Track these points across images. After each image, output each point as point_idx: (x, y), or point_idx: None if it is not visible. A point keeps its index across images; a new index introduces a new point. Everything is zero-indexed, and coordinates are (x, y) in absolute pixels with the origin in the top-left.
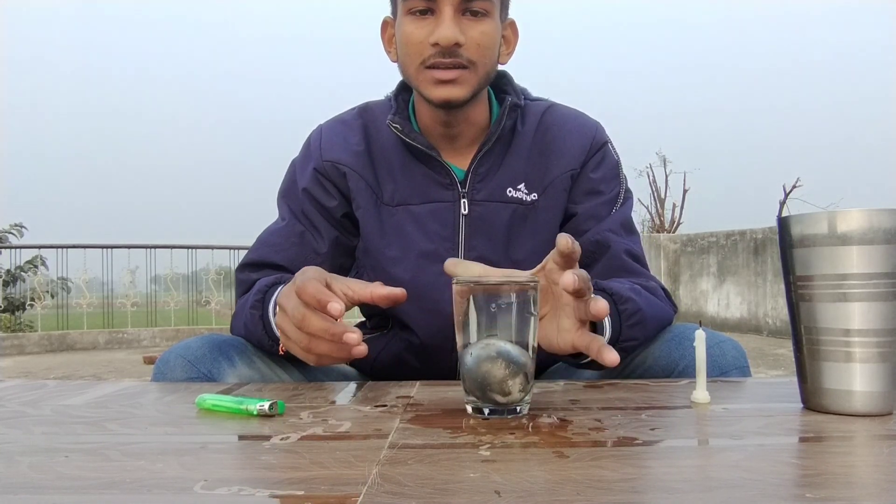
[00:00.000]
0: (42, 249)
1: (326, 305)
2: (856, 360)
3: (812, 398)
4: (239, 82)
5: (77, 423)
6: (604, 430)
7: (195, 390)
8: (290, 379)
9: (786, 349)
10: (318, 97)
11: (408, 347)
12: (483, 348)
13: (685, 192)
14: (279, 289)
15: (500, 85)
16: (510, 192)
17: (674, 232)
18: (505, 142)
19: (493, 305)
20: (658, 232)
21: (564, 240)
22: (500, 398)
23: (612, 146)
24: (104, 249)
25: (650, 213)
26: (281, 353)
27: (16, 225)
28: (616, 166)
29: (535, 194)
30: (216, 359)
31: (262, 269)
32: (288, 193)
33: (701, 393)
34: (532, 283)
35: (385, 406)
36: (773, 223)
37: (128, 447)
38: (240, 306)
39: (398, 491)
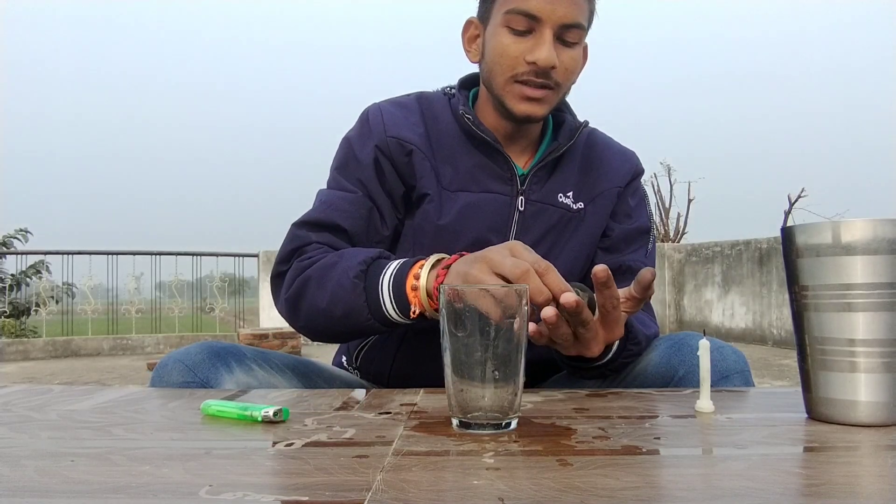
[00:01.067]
0: (47, 255)
1: (562, 294)
2: (860, 371)
3: (816, 408)
4: (245, 88)
5: (83, 427)
6: (608, 439)
7: (200, 396)
8: (289, 386)
9: (791, 359)
10: (326, 106)
11: (428, 353)
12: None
13: (690, 201)
14: (393, 263)
15: None
16: (560, 197)
17: (678, 241)
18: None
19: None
20: (663, 241)
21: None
22: None
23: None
24: (109, 256)
25: (654, 224)
26: (413, 316)
27: (21, 230)
28: (646, 198)
29: (582, 203)
30: (214, 365)
31: (323, 230)
32: (348, 167)
33: (705, 402)
34: (520, 289)
35: (389, 413)
36: (778, 233)
37: (133, 452)
38: (328, 273)
39: (402, 498)
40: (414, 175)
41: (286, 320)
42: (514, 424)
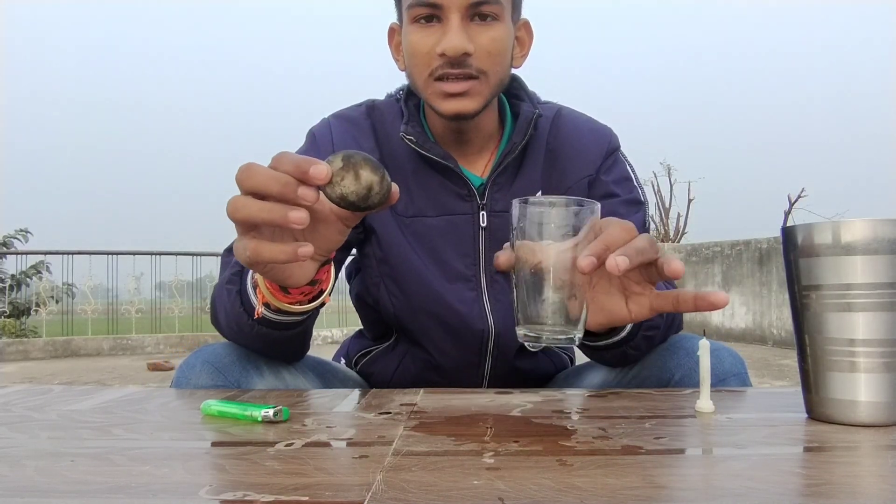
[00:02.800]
0: (47, 255)
1: (309, 170)
2: (860, 371)
3: (817, 408)
4: (246, 89)
5: (83, 427)
6: (608, 439)
7: (200, 396)
8: (312, 388)
9: (791, 359)
10: (326, 106)
11: (428, 367)
12: None
13: (690, 201)
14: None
15: (511, 88)
16: None
17: (678, 241)
18: (519, 150)
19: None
20: (663, 241)
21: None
22: None
23: (623, 153)
24: (109, 256)
25: (654, 223)
26: (257, 316)
27: (21, 230)
28: (629, 169)
29: None
30: (245, 368)
31: None
32: None
33: (705, 402)
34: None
35: (389, 413)
36: (778, 233)
37: (133, 452)
38: (217, 288)
39: (402, 498)
40: None
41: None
42: (577, 340)
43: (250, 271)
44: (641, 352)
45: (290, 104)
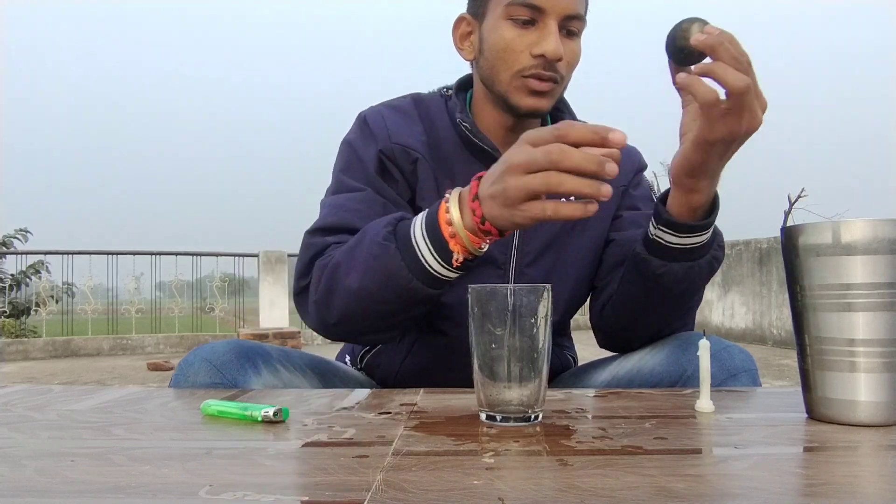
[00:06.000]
0: (47, 255)
1: (607, 135)
2: (860, 370)
3: (816, 408)
4: (246, 89)
5: (83, 427)
6: (608, 439)
7: (200, 396)
8: (310, 387)
9: (791, 359)
10: (328, 104)
11: (442, 354)
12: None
13: None
14: (418, 216)
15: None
16: (563, 199)
17: None
18: None
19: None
20: None
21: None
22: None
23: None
24: (109, 256)
25: None
26: (456, 263)
27: (21, 230)
28: (651, 189)
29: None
30: (242, 366)
31: (338, 233)
32: (352, 169)
33: (705, 402)
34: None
35: (389, 413)
36: (778, 233)
37: (133, 452)
38: (344, 255)
39: (402, 498)
40: (416, 184)
41: (318, 329)
42: (539, 417)
43: (417, 225)
44: (702, 275)
45: (290, 107)
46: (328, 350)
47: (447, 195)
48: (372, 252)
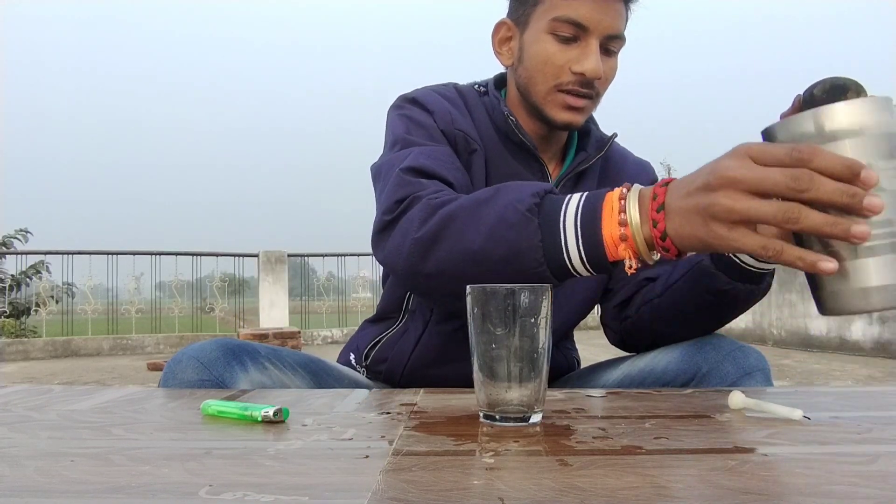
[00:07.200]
0: (47, 255)
1: (860, 173)
2: (867, 256)
3: (828, 303)
4: (246, 89)
5: (82, 427)
6: (608, 439)
7: (200, 396)
8: (301, 386)
9: (791, 359)
10: (327, 107)
11: (448, 345)
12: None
13: None
14: (573, 197)
15: None
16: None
17: None
18: (580, 161)
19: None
20: None
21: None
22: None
23: None
24: (109, 256)
25: None
26: (630, 271)
27: (21, 230)
28: None
29: None
30: (229, 363)
31: (434, 179)
32: (419, 132)
33: (738, 398)
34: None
35: (389, 413)
36: None
37: (133, 452)
38: (470, 206)
39: (402, 498)
40: (469, 175)
41: (400, 270)
42: (539, 417)
43: (570, 209)
44: (756, 299)
45: (289, 112)
46: (328, 350)
47: (623, 189)
48: (507, 219)
